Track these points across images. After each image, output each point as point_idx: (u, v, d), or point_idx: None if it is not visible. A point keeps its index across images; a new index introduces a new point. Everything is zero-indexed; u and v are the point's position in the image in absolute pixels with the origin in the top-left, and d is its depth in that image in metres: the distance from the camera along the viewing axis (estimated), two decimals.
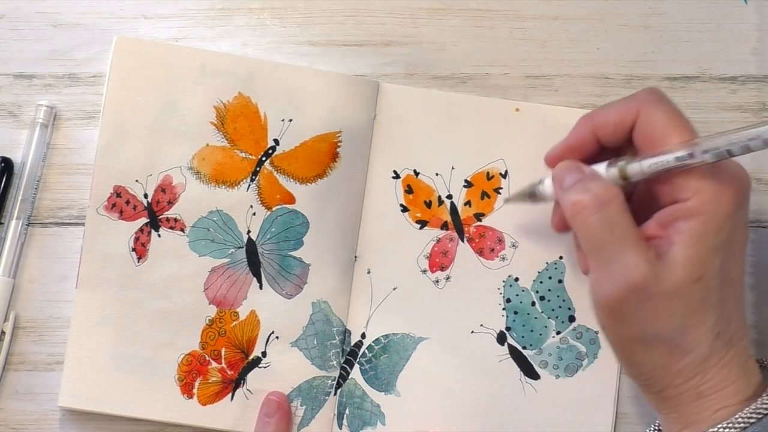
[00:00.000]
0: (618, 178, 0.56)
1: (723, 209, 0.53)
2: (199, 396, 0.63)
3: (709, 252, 0.53)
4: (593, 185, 0.54)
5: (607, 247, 0.53)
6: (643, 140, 0.55)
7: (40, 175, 0.65)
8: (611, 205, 0.53)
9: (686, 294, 0.53)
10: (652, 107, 0.55)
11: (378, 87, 0.65)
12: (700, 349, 0.54)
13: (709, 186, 0.53)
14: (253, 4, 0.66)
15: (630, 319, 0.54)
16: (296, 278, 0.64)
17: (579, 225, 0.54)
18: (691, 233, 0.53)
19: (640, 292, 0.53)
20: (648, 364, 0.55)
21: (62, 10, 0.66)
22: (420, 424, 0.64)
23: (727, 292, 0.54)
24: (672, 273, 0.52)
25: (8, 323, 0.63)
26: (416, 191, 0.65)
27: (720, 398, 0.54)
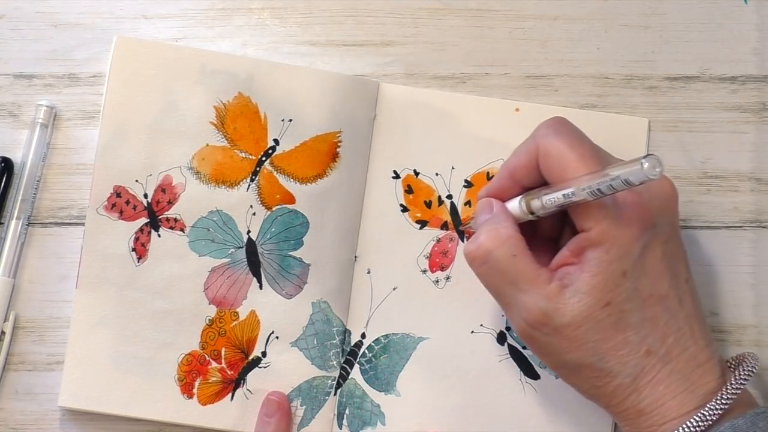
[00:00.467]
0: (527, 212, 0.57)
1: (625, 235, 0.54)
2: (199, 396, 0.63)
3: (615, 278, 0.54)
4: (482, 232, 0.56)
5: (501, 292, 0.56)
6: (547, 175, 0.56)
7: (40, 175, 0.65)
8: (497, 252, 0.55)
9: (596, 320, 0.54)
10: (547, 141, 0.56)
11: (378, 87, 0.65)
12: (627, 370, 0.54)
13: (608, 215, 0.54)
14: (253, 4, 0.66)
15: (547, 351, 0.56)
16: (296, 278, 0.64)
17: (475, 273, 0.57)
18: (595, 261, 0.54)
19: (542, 328, 0.55)
20: (581, 386, 0.57)
21: (62, 10, 0.66)
22: (420, 424, 0.64)
23: (654, 308, 0.55)
24: (577, 303, 0.54)
25: (8, 323, 0.63)
26: (416, 191, 0.65)
27: (662, 413, 0.54)
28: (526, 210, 0.57)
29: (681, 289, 0.56)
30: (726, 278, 0.65)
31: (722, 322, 0.64)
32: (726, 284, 0.65)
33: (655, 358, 0.55)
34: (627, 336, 0.54)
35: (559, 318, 0.54)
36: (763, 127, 0.66)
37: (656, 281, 0.55)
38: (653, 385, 0.55)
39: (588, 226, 0.54)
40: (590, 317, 0.54)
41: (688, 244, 0.64)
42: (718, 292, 0.65)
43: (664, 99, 0.66)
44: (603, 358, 0.54)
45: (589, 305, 0.54)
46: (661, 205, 0.56)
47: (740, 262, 0.65)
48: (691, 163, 0.65)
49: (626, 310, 0.54)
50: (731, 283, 0.65)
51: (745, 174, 0.65)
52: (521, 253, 0.55)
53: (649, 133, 0.65)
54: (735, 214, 0.65)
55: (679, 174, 0.65)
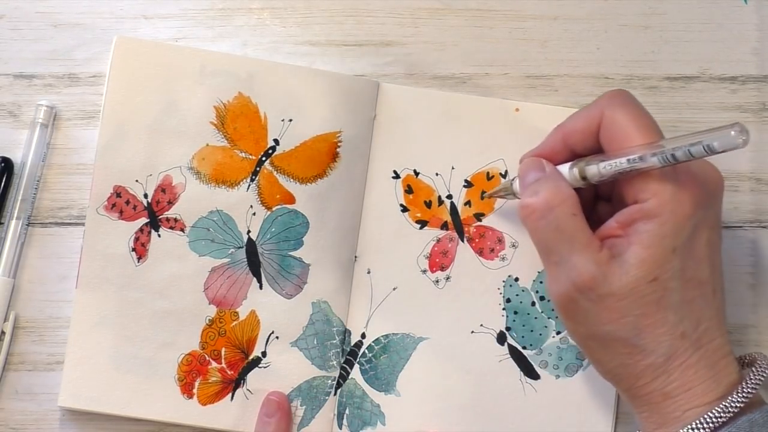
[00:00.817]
0: (579, 178, 0.56)
1: (681, 211, 0.53)
2: (199, 396, 0.63)
3: (665, 253, 0.53)
4: (544, 188, 0.56)
5: (554, 250, 0.55)
6: (607, 143, 0.56)
7: (40, 175, 0.65)
8: (559, 209, 0.55)
9: (640, 295, 0.53)
10: (613, 110, 0.56)
11: (378, 87, 0.65)
12: (661, 349, 0.54)
13: (668, 188, 0.53)
14: (253, 4, 0.66)
15: (583, 319, 0.55)
16: (296, 278, 0.64)
17: (528, 228, 0.56)
18: (647, 234, 0.53)
19: (588, 293, 0.54)
20: (609, 362, 0.56)
21: (62, 10, 0.66)
22: (420, 424, 0.64)
23: (693, 292, 0.55)
24: (624, 274, 0.53)
25: (8, 323, 0.63)
26: (416, 191, 0.65)
27: (687, 399, 0.54)
28: (578, 176, 0.56)
29: (716, 280, 0.56)
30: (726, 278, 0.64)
31: None
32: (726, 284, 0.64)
33: (688, 342, 0.54)
34: (666, 315, 0.54)
35: (606, 286, 0.53)
36: (763, 127, 0.66)
37: (699, 265, 0.55)
38: (683, 368, 0.54)
39: (644, 197, 0.54)
40: (636, 290, 0.53)
41: None
42: None
43: (664, 99, 0.66)
44: (640, 333, 0.54)
45: (636, 278, 0.53)
46: (713, 191, 0.55)
47: (740, 262, 0.65)
48: None
49: (670, 288, 0.54)
50: (731, 283, 0.65)
51: (745, 174, 0.65)
52: (579, 214, 0.55)
53: None
54: (735, 214, 0.65)
55: None
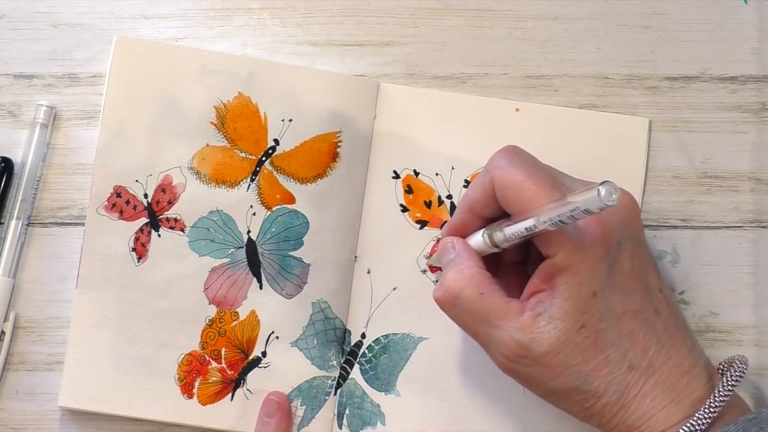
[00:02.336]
0: (490, 245, 0.57)
1: (591, 256, 0.54)
2: (199, 396, 0.63)
3: (586, 299, 0.54)
4: (445, 277, 0.57)
5: (477, 332, 0.56)
6: (506, 205, 0.56)
7: (40, 175, 0.65)
8: (464, 294, 0.56)
9: (573, 344, 0.54)
10: (501, 173, 0.56)
11: (378, 87, 0.65)
12: (612, 388, 0.55)
13: (571, 239, 0.54)
14: (253, 4, 0.66)
15: (531, 382, 0.56)
16: (296, 278, 0.64)
17: (448, 317, 0.57)
18: (565, 286, 0.54)
19: (522, 360, 0.55)
20: (571, 410, 0.57)
21: (62, 10, 0.66)
22: (420, 424, 0.64)
23: (630, 323, 0.55)
24: (553, 329, 0.54)
25: (8, 323, 0.63)
26: (416, 191, 0.65)
27: (651, 426, 0.55)
28: (489, 243, 0.57)
29: (655, 300, 0.56)
30: (726, 278, 0.65)
31: (722, 322, 0.64)
32: (726, 284, 0.65)
33: (638, 372, 0.55)
34: (607, 355, 0.55)
35: (537, 347, 0.54)
36: (763, 127, 0.66)
37: (628, 296, 0.55)
38: (639, 399, 0.55)
39: (552, 252, 0.54)
40: (568, 342, 0.54)
41: (689, 244, 0.64)
42: (718, 292, 0.65)
43: (664, 99, 0.66)
44: (587, 380, 0.55)
45: (564, 330, 0.54)
46: (623, 221, 0.56)
47: (740, 262, 0.65)
48: (691, 163, 0.65)
49: (602, 329, 0.54)
50: (731, 283, 0.65)
51: (745, 174, 0.65)
52: (488, 290, 0.56)
53: (649, 133, 0.65)
54: (735, 214, 0.65)
55: (679, 174, 0.65)
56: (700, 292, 0.64)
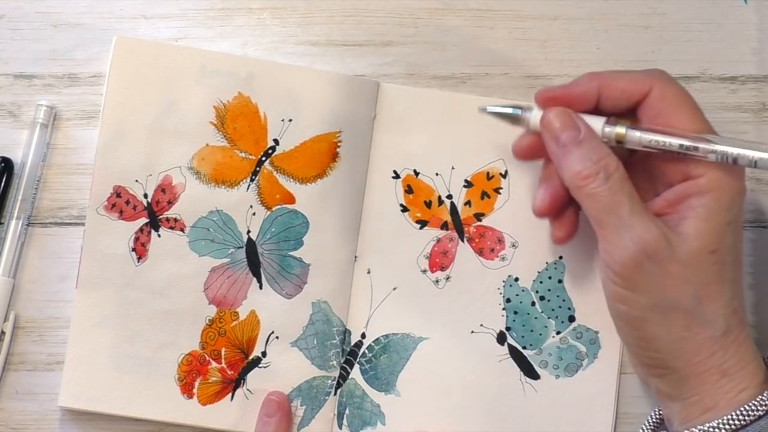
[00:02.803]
0: (613, 140, 0.56)
1: (734, 185, 0.55)
2: (199, 396, 0.63)
3: (723, 226, 0.54)
4: (596, 154, 0.55)
5: (615, 215, 0.54)
6: (650, 114, 0.56)
7: (40, 175, 0.65)
8: (616, 175, 0.54)
9: (701, 264, 0.54)
10: (667, 86, 0.56)
11: (378, 87, 0.65)
12: (719, 323, 0.54)
13: (718, 165, 0.54)
14: (253, 4, 0.66)
15: (644, 287, 0.54)
16: (296, 278, 0.64)
17: (584, 194, 0.55)
18: (703, 208, 0.54)
19: (653, 256, 0.53)
20: (665, 337, 0.54)
21: (62, 10, 0.66)
22: (420, 424, 0.64)
23: (738, 271, 0.56)
24: (685, 243, 0.53)
25: (8, 323, 0.63)
26: (416, 191, 0.65)
27: (742, 377, 0.54)
28: (613, 137, 0.56)
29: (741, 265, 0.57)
30: None
31: None
32: None
33: (738, 319, 0.55)
34: (723, 289, 0.54)
35: (670, 250, 0.53)
36: (763, 127, 0.66)
37: (741, 245, 0.56)
38: (737, 345, 0.54)
39: (699, 173, 0.54)
40: (698, 259, 0.53)
41: None
42: None
43: None
44: (700, 304, 0.54)
45: (698, 248, 0.53)
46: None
47: None
48: None
49: (727, 262, 0.54)
50: None
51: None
52: (629, 179, 0.55)
53: None
54: None
55: None
56: None
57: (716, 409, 0.54)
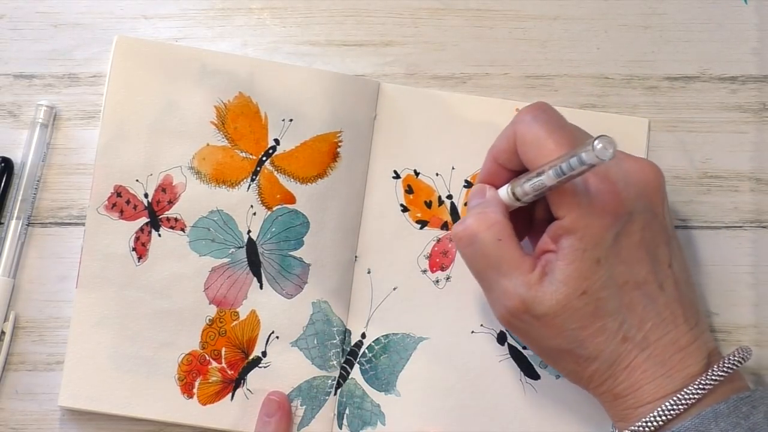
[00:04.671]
0: (513, 198, 0.57)
1: (598, 223, 0.54)
2: (199, 396, 0.63)
3: (590, 266, 0.54)
4: (471, 215, 0.57)
5: (484, 276, 0.57)
6: (525, 161, 0.57)
7: (40, 175, 0.65)
8: (483, 236, 0.56)
9: (573, 309, 0.54)
10: (523, 127, 0.56)
11: (378, 87, 0.65)
12: (604, 356, 0.55)
13: (581, 202, 0.54)
14: (253, 4, 0.66)
15: (527, 337, 0.57)
16: (296, 278, 0.64)
17: (461, 255, 0.58)
18: (569, 250, 0.54)
19: (521, 315, 0.55)
20: (562, 370, 0.58)
21: (62, 10, 0.66)
22: (420, 424, 0.64)
23: (631, 294, 0.55)
24: (554, 292, 0.54)
25: (8, 323, 0.63)
26: (416, 191, 0.65)
27: (637, 397, 0.55)
28: (512, 197, 0.57)
29: (662, 275, 0.56)
30: (726, 278, 0.65)
31: (722, 322, 0.65)
32: (726, 284, 0.65)
33: (632, 344, 0.55)
34: (605, 323, 0.55)
35: (537, 307, 0.55)
36: (763, 127, 0.66)
37: (633, 268, 0.55)
38: (629, 370, 0.55)
39: (561, 214, 0.55)
40: (568, 306, 0.54)
41: (688, 244, 0.64)
42: (718, 292, 0.65)
43: (664, 99, 0.66)
44: (581, 344, 0.55)
45: (566, 294, 0.54)
46: (639, 192, 0.56)
47: (740, 262, 0.65)
48: (691, 163, 0.65)
49: (603, 297, 0.55)
50: (731, 283, 0.65)
51: (745, 174, 0.65)
52: (506, 239, 0.56)
53: (649, 133, 0.65)
54: (735, 214, 0.65)
55: (679, 174, 0.65)
56: (700, 292, 0.64)
57: (624, 422, 0.56)
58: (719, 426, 0.52)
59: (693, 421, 0.53)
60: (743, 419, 0.53)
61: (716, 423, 0.52)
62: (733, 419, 0.53)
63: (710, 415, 0.53)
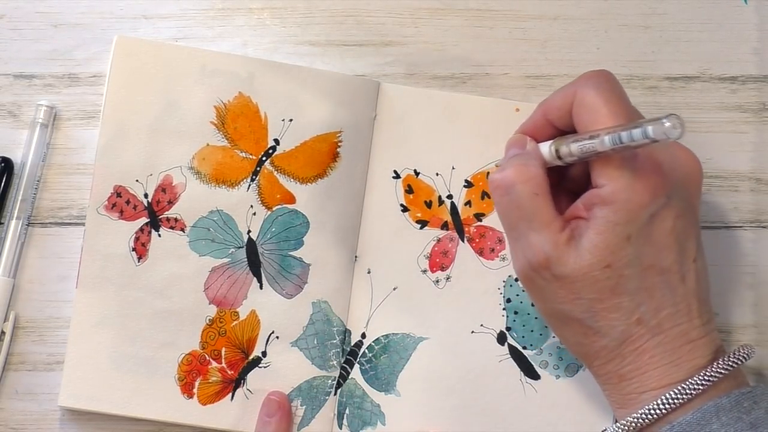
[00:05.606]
0: (555, 156, 0.57)
1: (636, 199, 0.54)
2: (199, 396, 0.63)
3: (619, 240, 0.54)
4: (511, 165, 0.56)
5: (514, 227, 0.56)
6: (577, 123, 0.56)
7: (40, 175, 0.65)
8: (520, 187, 0.56)
9: (593, 279, 0.54)
10: (585, 91, 0.56)
11: (378, 87, 0.65)
12: (614, 333, 0.55)
13: (624, 175, 0.54)
14: (253, 4, 0.66)
15: (539, 296, 0.57)
16: (296, 278, 0.64)
17: (494, 202, 0.58)
18: (601, 220, 0.54)
19: (542, 272, 0.55)
20: (568, 339, 0.58)
21: (62, 10, 0.66)
22: (420, 424, 0.64)
23: (653, 279, 0.55)
24: (578, 258, 0.54)
25: (8, 323, 0.63)
26: (416, 191, 0.65)
27: (642, 381, 0.55)
28: (555, 154, 0.57)
29: (686, 267, 0.56)
30: (726, 278, 0.65)
31: (722, 322, 0.65)
32: (726, 284, 0.65)
33: (645, 328, 0.55)
34: (621, 301, 0.55)
35: (559, 267, 0.54)
36: (763, 127, 0.66)
37: (660, 253, 0.55)
38: (638, 353, 0.55)
39: (601, 182, 0.54)
40: (589, 275, 0.54)
41: None
42: (718, 292, 0.65)
43: (664, 99, 0.66)
44: (594, 316, 0.55)
45: (590, 263, 0.54)
46: (682, 179, 0.56)
47: (740, 262, 0.65)
48: None
49: (625, 275, 0.54)
50: (731, 283, 0.65)
51: (745, 174, 0.65)
52: (543, 194, 0.56)
53: None
54: (735, 214, 0.65)
55: None
56: None
57: (625, 407, 0.56)
58: (721, 420, 0.52)
59: (695, 414, 0.53)
60: (745, 414, 0.53)
61: (718, 417, 0.52)
62: (735, 414, 0.53)
63: (712, 409, 0.53)
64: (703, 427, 0.52)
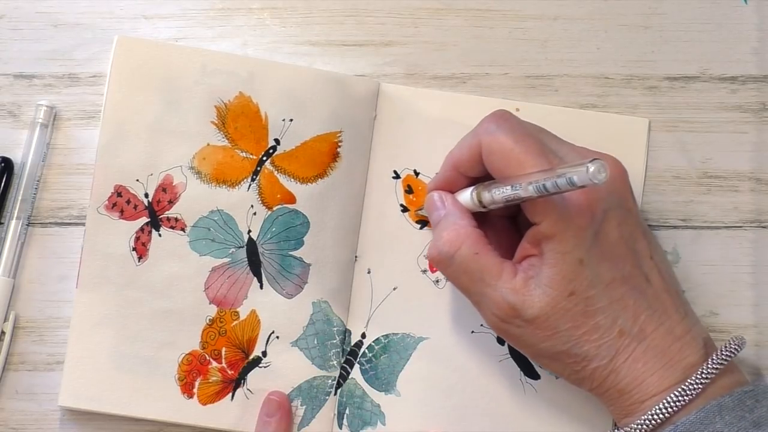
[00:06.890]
0: (478, 204, 0.58)
1: (575, 224, 0.55)
2: (200, 396, 0.63)
3: (573, 267, 0.55)
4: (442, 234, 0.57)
5: (470, 291, 0.57)
6: (492, 169, 0.57)
7: (40, 175, 0.65)
8: (459, 254, 0.57)
9: (564, 310, 0.55)
10: (491, 137, 0.56)
11: (378, 87, 0.65)
12: (602, 352, 0.55)
13: (555, 207, 0.54)
14: (253, 4, 0.66)
15: (521, 342, 0.57)
16: (297, 278, 0.64)
17: (444, 275, 0.60)
18: (551, 253, 0.55)
19: (514, 321, 0.56)
20: (562, 372, 0.58)
21: (62, 10, 0.66)
22: (420, 424, 0.64)
23: (620, 290, 0.56)
24: (542, 295, 0.55)
25: (8, 323, 0.63)
26: (416, 191, 0.65)
27: (642, 390, 0.55)
28: (477, 203, 0.58)
29: (645, 267, 0.57)
30: (726, 278, 0.65)
31: (722, 322, 0.65)
32: (726, 284, 0.65)
33: (629, 338, 0.55)
34: (597, 321, 0.55)
35: (527, 310, 0.55)
36: (763, 127, 0.66)
37: (617, 264, 0.56)
38: (630, 363, 0.55)
39: (538, 219, 0.55)
40: (557, 308, 0.55)
41: (688, 244, 0.65)
42: (718, 292, 0.65)
43: (664, 99, 0.66)
44: (577, 343, 0.55)
45: (553, 297, 0.55)
46: (610, 190, 0.56)
47: (740, 262, 0.65)
48: (691, 163, 0.65)
49: (591, 296, 0.55)
50: (731, 283, 0.65)
51: (745, 174, 0.65)
52: (483, 250, 0.56)
53: (649, 134, 0.65)
54: (735, 214, 0.65)
55: (679, 174, 0.65)
56: (700, 292, 0.64)
57: (630, 417, 0.56)
58: (724, 419, 0.53)
59: (698, 414, 0.53)
60: (748, 412, 0.53)
61: (721, 416, 0.53)
62: (738, 412, 0.53)
63: (715, 409, 0.53)
64: (706, 426, 0.53)
